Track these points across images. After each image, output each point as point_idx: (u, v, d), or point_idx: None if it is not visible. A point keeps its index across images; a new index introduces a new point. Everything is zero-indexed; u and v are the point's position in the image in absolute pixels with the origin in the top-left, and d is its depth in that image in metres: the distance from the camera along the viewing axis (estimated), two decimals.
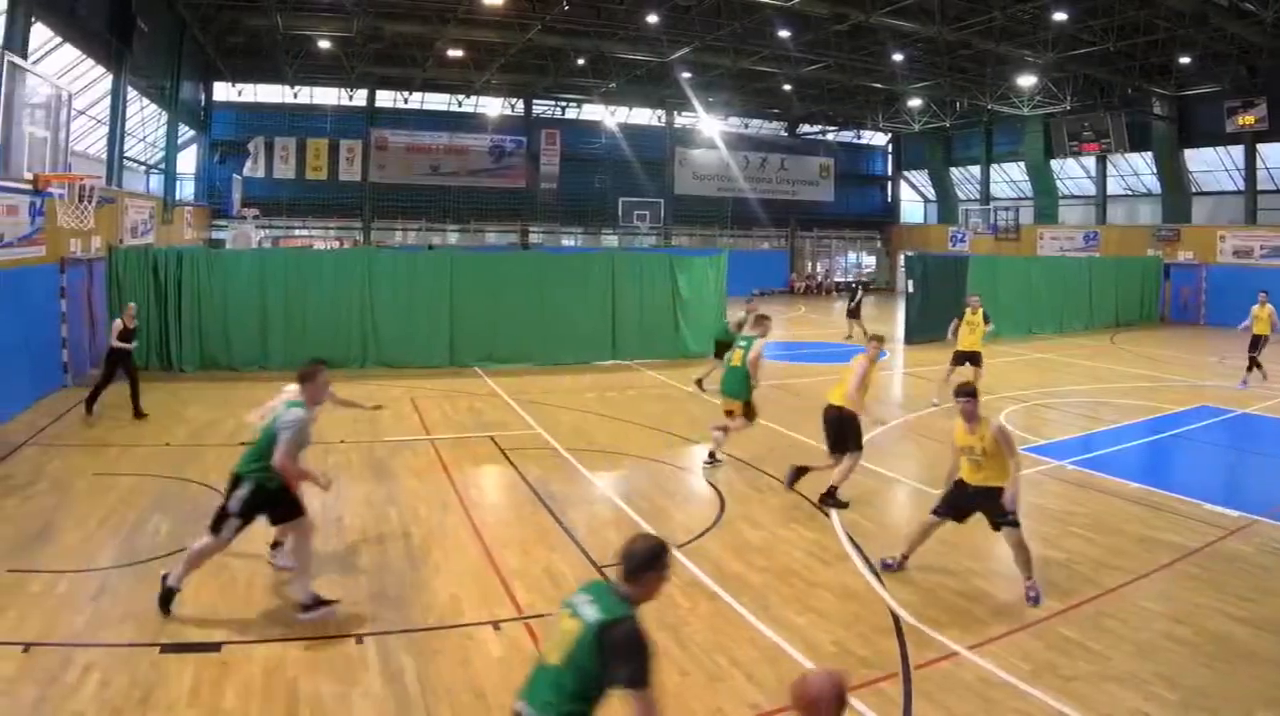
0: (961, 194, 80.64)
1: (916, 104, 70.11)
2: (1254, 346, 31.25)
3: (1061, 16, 44.16)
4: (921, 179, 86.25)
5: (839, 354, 36.75)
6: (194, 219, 57.76)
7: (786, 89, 68.23)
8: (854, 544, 15.27)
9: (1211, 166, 60.90)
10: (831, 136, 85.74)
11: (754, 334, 20.68)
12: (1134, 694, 10.37)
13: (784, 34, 49.86)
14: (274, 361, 30.72)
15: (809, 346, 40.33)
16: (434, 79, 66.40)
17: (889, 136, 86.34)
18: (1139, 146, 61.91)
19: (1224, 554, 15.10)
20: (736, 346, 20.92)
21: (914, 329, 41.65)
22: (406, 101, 72.50)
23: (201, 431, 22.82)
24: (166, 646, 11.13)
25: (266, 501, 12.39)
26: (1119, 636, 11.86)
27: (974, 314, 27.78)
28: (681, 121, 79.13)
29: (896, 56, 54.56)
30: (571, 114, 76.79)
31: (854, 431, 17.75)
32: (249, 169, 65.37)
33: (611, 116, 76.33)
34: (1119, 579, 13.75)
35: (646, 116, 78.67)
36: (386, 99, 71.75)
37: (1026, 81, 57.13)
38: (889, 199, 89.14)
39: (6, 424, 22.78)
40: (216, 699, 9.98)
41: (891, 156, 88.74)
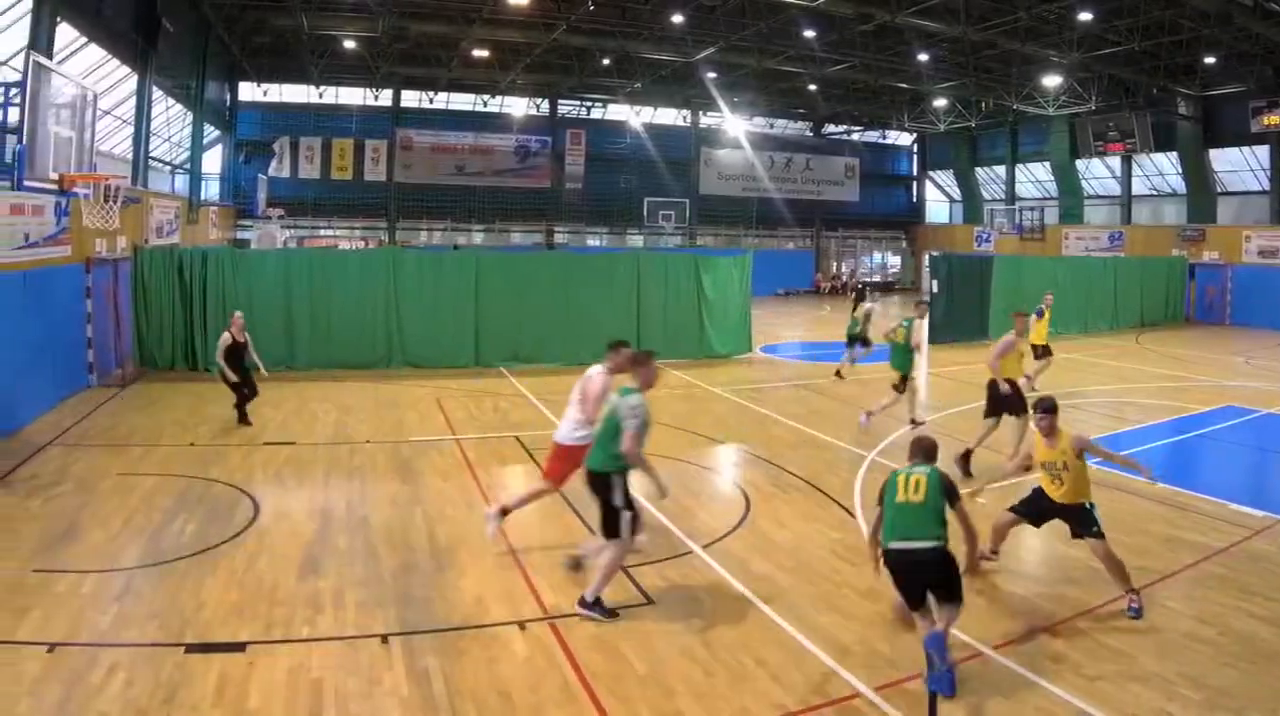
0: (986, 194, 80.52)
1: (942, 104, 70.01)
2: None
3: (1086, 16, 43.97)
4: (947, 179, 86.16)
5: (863, 355, 36.98)
6: (219, 219, 58.03)
7: (812, 89, 68.16)
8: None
9: (1236, 166, 60.77)
10: (856, 136, 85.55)
11: (914, 316, 24.90)
12: (1158, 694, 10.36)
13: (809, 34, 49.87)
14: (299, 361, 30.92)
15: (835, 346, 39.80)
16: (459, 79, 66.42)
17: (914, 136, 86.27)
18: (1164, 146, 61.83)
19: (1249, 554, 15.10)
20: (900, 326, 24.00)
21: (939, 329, 41.47)
22: (432, 101, 72.49)
23: (225, 431, 22.81)
24: (191, 646, 11.15)
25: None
26: (1143, 636, 11.86)
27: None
28: (706, 121, 78.97)
29: (922, 56, 54.41)
30: (597, 114, 76.75)
31: (995, 398, 20.20)
32: (274, 169, 65.52)
33: (636, 116, 76.23)
34: (1144, 579, 13.64)
35: (672, 116, 78.60)
36: (412, 99, 71.77)
37: (1052, 81, 56.86)
38: (914, 199, 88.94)
39: (32, 424, 22.84)
40: (241, 699, 9.99)
41: (916, 156, 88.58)
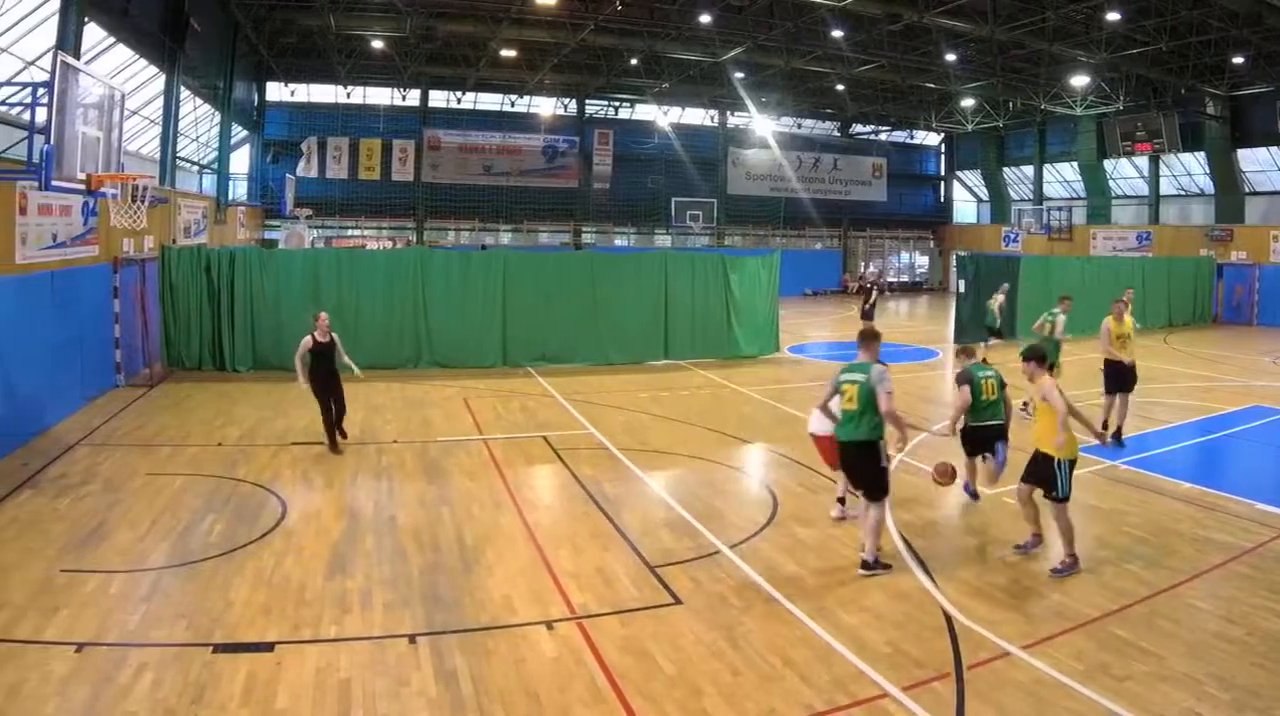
0: (1014, 194, 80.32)
1: (969, 104, 69.87)
2: None
3: (1114, 16, 43.88)
4: (974, 179, 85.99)
5: (891, 355, 36.57)
6: (247, 219, 58.09)
7: (839, 89, 67.99)
8: (906, 544, 15.26)
9: (1265, 166, 60.54)
10: (884, 136, 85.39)
11: (1058, 310, 26.76)
12: (1186, 693, 10.32)
13: (837, 34, 49.70)
14: None
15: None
16: (487, 79, 66.48)
17: (942, 136, 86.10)
18: (1192, 146, 61.66)
19: (1277, 553, 15.01)
20: (1046, 320, 26.15)
21: (965, 329, 41.07)
22: (460, 101, 72.54)
23: (253, 431, 22.91)
24: (219, 646, 11.18)
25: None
26: (1171, 636, 11.82)
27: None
28: (734, 121, 78.88)
29: (949, 56, 54.24)
30: (624, 114, 76.61)
31: (1111, 376, 23.20)
32: (302, 169, 65.60)
33: (664, 116, 76.15)
34: (1171, 579, 13.70)
35: (699, 116, 78.56)
36: (439, 99, 71.84)
37: (1079, 81, 56.76)
38: (942, 199, 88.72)
39: (60, 424, 22.90)
40: (269, 699, 10.01)
41: (944, 156, 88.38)
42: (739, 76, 63.15)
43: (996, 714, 9.92)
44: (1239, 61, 51.51)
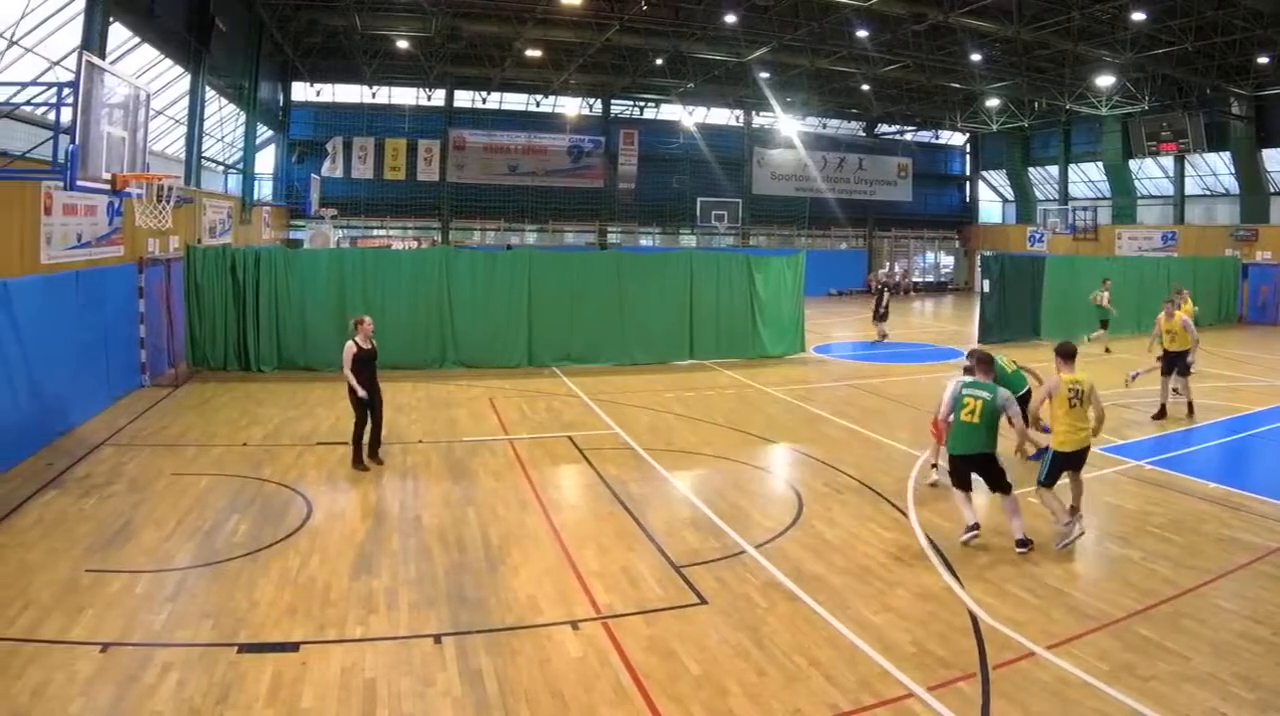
0: (1040, 194, 79.97)
1: (994, 104, 69.65)
2: None
3: (1140, 16, 43.72)
4: (1000, 179, 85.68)
5: (916, 354, 37.41)
6: (272, 219, 58.23)
7: (865, 89, 67.89)
8: (932, 543, 15.26)
9: None
10: (909, 136, 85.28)
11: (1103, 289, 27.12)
12: (1212, 694, 10.31)
13: (862, 34, 49.61)
14: None
15: (886, 347, 40.42)
16: (512, 79, 66.58)
17: (967, 136, 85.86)
18: (1217, 146, 61.37)
19: None
20: (1096, 294, 27.56)
21: (990, 329, 41.32)
22: (485, 101, 72.52)
23: (278, 431, 22.93)
24: (244, 646, 11.21)
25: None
26: (1197, 636, 11.78)
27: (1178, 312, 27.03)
28: (759, 121, 78.71)
29: (974, 56, 54.08)
30: (649, 114, 76.61)
31: (1169, 361, 26.14)
32: (327, 169, 65.68)
33: (689, 116, 75.96)
34: (1197, 579, 13.67)
35: (724, 116, 78.33)
36: (465, 99, 71.84)
37: (1105, 81, 56.42)
38: (967, 199, 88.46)
39: (85, 424, 22.93)
40: (294, 699, 10.04)
41: (969, 156, 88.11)
42: (764, 76, 63.28)
43: (1022, 714, 9.90)
44: (1264, 61, 51.28)
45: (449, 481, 18.89)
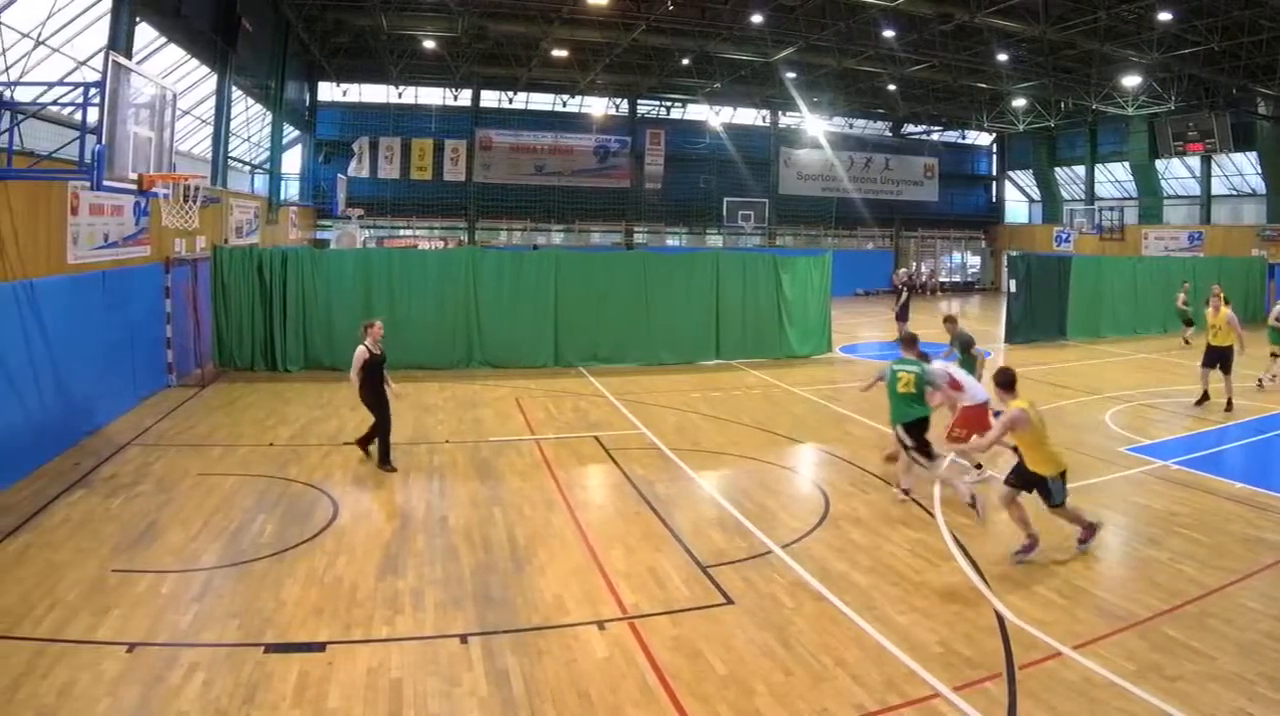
0: (1066, 194, 79.74)
1: (1021, 104, 69.34)
2: None
3: (1166, 16, 43.52)
4: (1026, 179, 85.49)
5: (938, 354, 37.06)
6: (298, 219, 58.35)
7: (891, 89, 67.63)
8: (958, 543, 15.25)
9: None
10: (936, 136, 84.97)
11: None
12: (1238, 694, 10.27)
13: (888, 34, 49.58)
14: None
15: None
16: (539, 79, 66.53)
17: (993, 136, 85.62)
18: (1244, 146, 61.15)
19: None
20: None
21: (1016, 329, 41.50)
22: (511, 101, 72.63)
23: (304, 431, 23.01)
24: (270, 646, 11.24)
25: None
26: (1223, 636, 11.74)
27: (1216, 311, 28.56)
28: (786, 121, 78.55)
29: (1001, 56, 53.87)
30: (676, 114, 76.51)
31: (1210, 355, 27.11)
32: (353, 169, 65.81)
33: (716, 116, 75.90)
34: (1223, 579, 13.62)
35: (751, 116, 78.22)
36: (491, 99, 71.94)
37: (1131, 81, 56.27)
38: (993, 199, 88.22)
39: (112, 424, 22.98)
40: (320, 699, 10.07)
41: (996, 156, 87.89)
42: (790, 76, 63.13)
43: (1048, 714, 9.88)
44: None
45: (475, 481, 18.91)
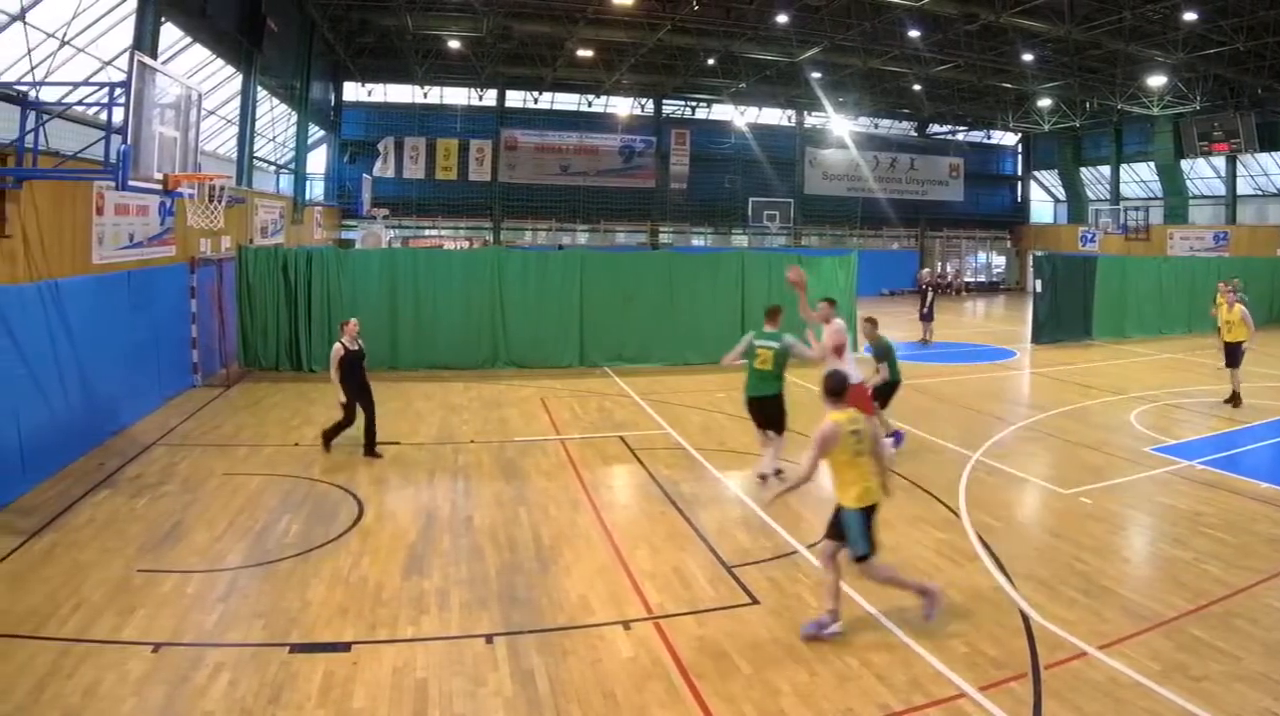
0: (1091, 194, 79.59)
1: (1046, 104, 69.28)
2: None
3: (1191, 16, 43.59)
4: (1051, 179, 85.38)
5: (967, 354, 37.55)
6: (324, 219, 58.49)
7: (916, 89, 67.58)
8: (984, 544, 15.22)
9: None
10: (961, 136, 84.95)
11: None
12: (1264, 694, 10.26)
13: (914, 34, 49.66)
14: (403, 362, 31.16)
15: (938, 346, 40.45)
16: (564, 79, 66.73)
17: (1019, 136, 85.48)
18: (1269, 146, 61.02)
19: None
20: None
21: (1042, 329, 41.41)
22: (536, 101, 72.74)
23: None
24: (296, 646, 11.28)
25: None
26: (1249, 636, 11.72)
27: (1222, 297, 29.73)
28: (811, 121, 78.65)
29: (1026, 56, 53.98)
30: (701, 114, 76.55)
31: (1240, 354, 27.09)
32: (379, 169, 65.96)
33: (741, 116, 75.93)
34: (1249, 578, 13.59)
35: (776, 116, 78.20)
36: (516, 99, 72.10)
37: (1156, 81, 56.24)
38: (1018, 199, 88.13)
39: (137, 424, 23.02)
40: (345, 699, 10.10)
41: (1021, 156, 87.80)
42: (816, 76, 63.12)
43: (1074, 714, 9.88)
44: None
45: (500, 481, 18.93)
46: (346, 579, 13.39)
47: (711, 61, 60.88)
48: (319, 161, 64.44)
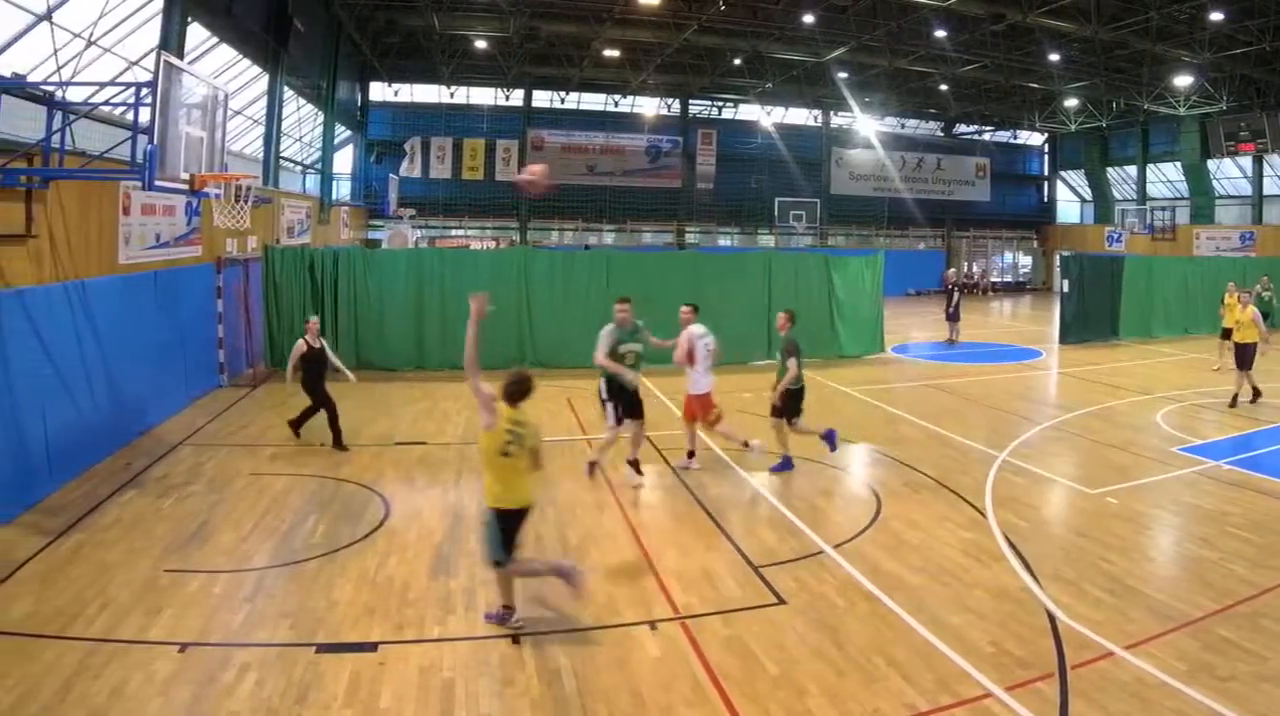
0: (1118, 194, 79.43)
1: (1073, 104, 69.30)
2: None
3: (1218, 16, 43.46)
4: (1078, 179, 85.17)
5: (994, 354, 37.59)
6: (350, 219, 58.61)
7: (943, 89, 67.68)
8: (1010, 544, 15.18)
9: None
10: (987, 136, 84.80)
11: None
12: None
13: (940, 34, 49.63)
14: (429, 362, 31.17)
15: (964, 346, 40.60)
16: (590, 79, 66.85)
17: (1045, 136, 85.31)
18: None
19: None
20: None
21: (1069, 329, 41.37)
22: (563, 101, 72.86)
23: (356, 431, 22.91)
24: (323, 646, 11.30)
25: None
26: (1276, 636, 11.70)
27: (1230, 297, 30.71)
28: (838, 121, 78.59)
29: (1053, 56, 53.79)
30: (728, 114, 76.58)
31: (1252, 354, 27.05)
32: (405, 169, 66.15)
33: (768, 116, 75.89)
34: (1276, 578, 13.54)
35: (803, 116, 78.17)
36: (543, 99, 72.20)
37: (1183, 81, 56.01)
38: (1045, 199, 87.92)
39: (163, 424, 23.09)
40: (372, 699, 10.11)
41: (1048, 156, 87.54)
42: (842, 76, 63.24)
43: (1100, 714, 9.86)
44: None
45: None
46: (373, 579, 13.41)
47: (738, 61, 60.91)
48: (345, 161, 64.59)
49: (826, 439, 20.02)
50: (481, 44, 57.23)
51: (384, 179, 62.86)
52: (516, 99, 70.98)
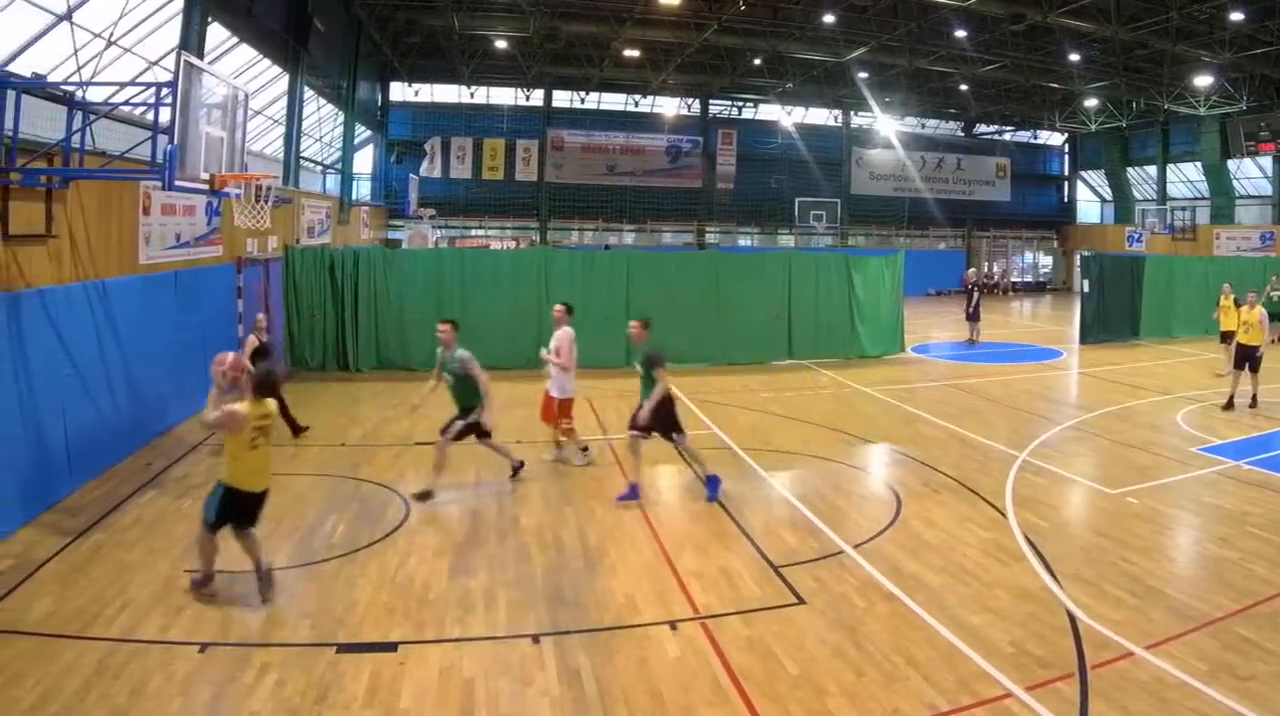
0: (1138, 194, 79.12)
1: (1093, 104, 69.13)
2: None
3: (1238, 16, 43.24)
4: (1098, 179, 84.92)
5: (1014, 354, 37.66)
6: (370, 219, 58.57)
7: (963, 89, 67.63)
8: (1030, 544, 15.15)
9: None
10: (1008, 136, 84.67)
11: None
12: None
13: (960, 34, 49.49)
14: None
15: (985, 346, 40.52)
16: (611, 79, 66.81)
17: (1065, 136, 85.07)
18: None
19: None
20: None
21: (1089, 329, 41.30)
22: (583, 101, 72.80)
23: (376, 431, 23.19)
24: (343, 646, 11.33)
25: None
26: None
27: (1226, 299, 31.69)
28: (858, 121, 78.47)
29: (1073, 56, 53.73)
30: (748, 114, 76.48)
31: (1239, 355, 27.06)
32: (425, 169, 66.15)
33: (788, 116, 75.82)
34: None
35: (823, 116, 78.08)
36: (563, 99, 72.15)
37: (1203, 81, 55.73)
38: (1065, 199, 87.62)
39: (183, 424, 23.13)
40: (392, 699, 10.13)
41: (1068, 156, 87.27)
42: (862, 76, 63.12)
43: (1120, 714, 9.85)
44: None
45: (546, 481, 19.06)
46: (393, 579, 13.44)
47: (758, 61, 60.88)
48: (365, 161, 64.52)
49: (709, 484, 18.25)
50: (502, 44, 57.28)
51: (404, 179, 62.76)
52: (537, 99, 70.93)
